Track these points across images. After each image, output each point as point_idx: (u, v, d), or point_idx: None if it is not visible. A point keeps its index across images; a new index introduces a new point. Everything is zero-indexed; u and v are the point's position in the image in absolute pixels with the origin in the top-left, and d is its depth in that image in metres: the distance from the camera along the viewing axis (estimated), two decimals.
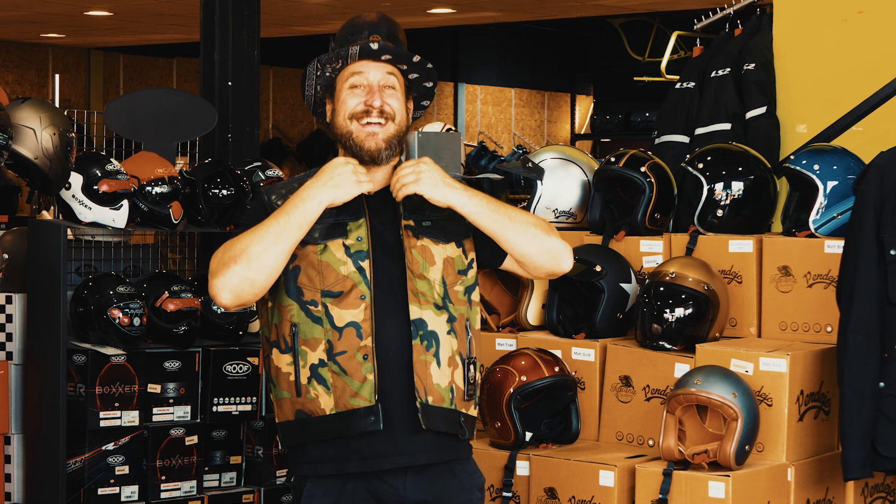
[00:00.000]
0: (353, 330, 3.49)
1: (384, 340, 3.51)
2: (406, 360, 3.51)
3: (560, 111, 16.78)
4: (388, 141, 3.58)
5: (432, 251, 3.57)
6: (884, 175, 4.38)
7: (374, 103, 3.56)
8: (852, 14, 5.69)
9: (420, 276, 3.54)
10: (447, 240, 3.59)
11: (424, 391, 3.50)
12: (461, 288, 3.60)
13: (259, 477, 5.83)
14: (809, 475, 4.57)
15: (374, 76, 3.58)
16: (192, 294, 5.54)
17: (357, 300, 3.50)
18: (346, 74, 3.60)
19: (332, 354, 3.49)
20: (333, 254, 3.52)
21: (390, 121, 3.58)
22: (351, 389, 3.49)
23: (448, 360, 3.54)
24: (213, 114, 6.18)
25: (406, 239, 3.56)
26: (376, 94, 3.57)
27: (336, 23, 12.60)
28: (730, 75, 5.98)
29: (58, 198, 5.45)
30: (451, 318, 3.56)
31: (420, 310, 3.52)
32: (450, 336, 3.55)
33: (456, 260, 3.60)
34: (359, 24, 3.64)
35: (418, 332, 3.51)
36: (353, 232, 3.55)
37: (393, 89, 3.59)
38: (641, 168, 5.19)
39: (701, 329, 4.79)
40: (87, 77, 14.86)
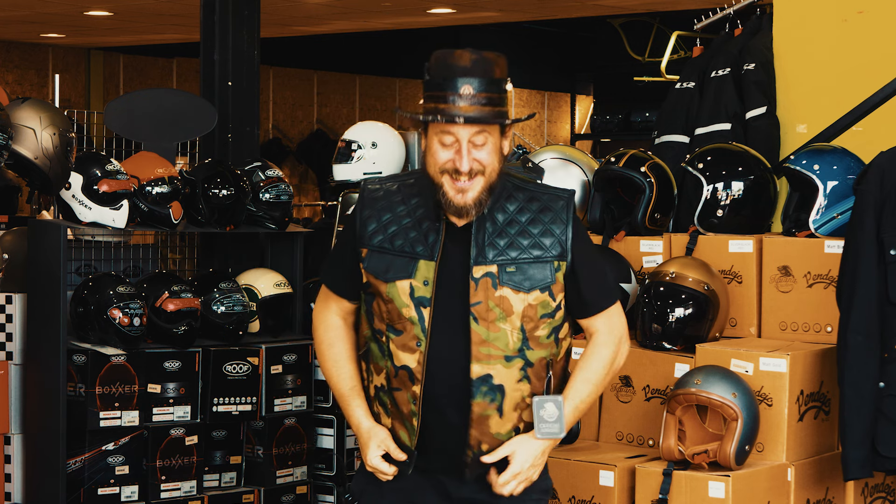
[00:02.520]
0: (406, 374, 3.52)
1: (437, 389, 3.51)
2: (459, 412, 3.51)
3: (560, 111, 16.77)
4: (476, 198, 3.47)
5: (511, 301, 3.50)
6: (884, 175, 4.38)
7: (462, 168, 3.44)
8: (852, 14, 5.68)
9: (495, 327, 3.48)
10: (530, 288, 3.51)
11: (479, 443, 3.52)
12: (545, 331, 3.54)
13: (259, 477, 5.83)
14: (809, 475, 4.57)
15: (464, 134, 3.44)
16: (192, 294, 5.54)
17: (413, 345, 3.51)
18: (437, 128, 3.46)
19: (390, 387, 3.56)
20: (399, 294, 3.52)
21: (479, 175, 3.47)
22: (402, 425, 3.56)
23: (514, 406, 3.52)
24: (213, 114, 6.17)
25: (483, 291, 3.49)
26: (465, 156, 3.44)
27: (336, 23, 12.60)
28: (730, 75, 5.97)
29: (58, 198, 5.45)
30: (527, 364, 3.52)
31: (487, 365, 3.48)
32: (521, 384, 3.51)
33: (539, 306, 3.52)
34: (451, 69, 3.44)
35: (481, 388, 3.49)
36: (422, 273, 3.51)
37: (484, 143, 3.46)
38: (641, 168, 5.19)
39: (701, 329, 4.79)
40: (87, 77, 14.85)
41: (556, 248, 3.53)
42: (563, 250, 3.54)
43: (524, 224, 3.54)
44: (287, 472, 5.87)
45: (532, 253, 3.52)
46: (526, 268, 3.51)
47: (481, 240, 3.51)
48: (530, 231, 3.53)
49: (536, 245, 3.52)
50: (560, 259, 3.53)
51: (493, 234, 3.52)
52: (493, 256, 3.50)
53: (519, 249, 3.51)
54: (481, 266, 3.49)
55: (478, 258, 3.49)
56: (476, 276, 3.49)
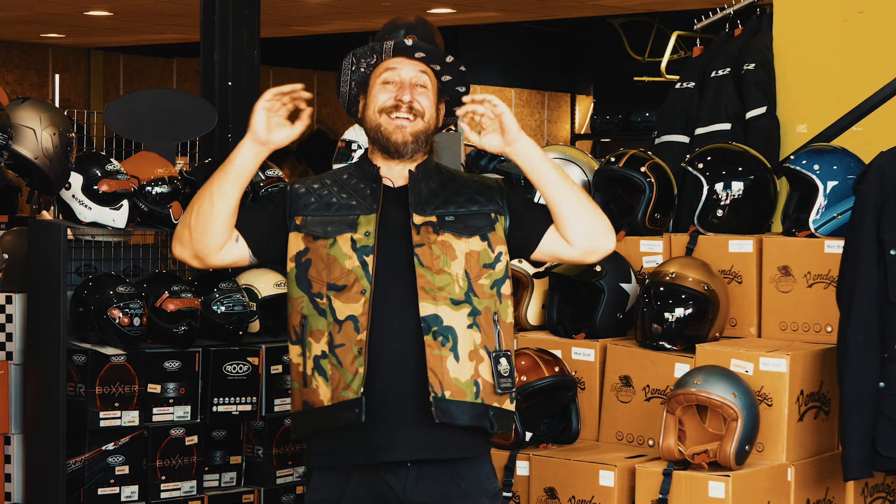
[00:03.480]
0: (352, 323, 3.53)
1: (385, 335, 3.54)
2: (414, 355, 3.53)
3: (560, 111, 16.78)
4: (415, 135, 3.64)
5: (454, 246, 3.58)
6: (884, 175, 4.38)
7: (403, 98, 3.62)
8: (852, 14, 5.69)
9: (439, 271, 3.55)
10: (470, 234, 3.60)
11: (440, 385, 3.51)
12: (487, 281, 3.59)
13: (259, 477, 5.83)
14: (809, 475, 4.57)
15: (407, 73, 3.64)
16: (192, 294, 5.54)
17: (358, 294, 3.54)
18: (379, 70, 3.66)
19: (332, 347, 3.54)
20: (340, 248, 3.58)
21: (419, 117, 3.64)
22: (344, 382, 3.53)
23: (469, 353, 3.54)
24: (213, 114, 6.18)
25: (426, 235, 3.58)
26: (407, 90, 3.63)
27: (336, 23, 12.61)
28: (730, 75, 5.98)
29: (58, 198, 5.45)
30: (475, 311, 3.56)
31: (434, 306, 3.53)
32: (471, 330, 3.55)
33: (481, 254, 3.60)
34: (396, 24, 3.71)
35: (431, 328, 3.52)
36: (363, 226, 3.60)
37: (424, 88, 3.65)
38: (641, 168, 5.20)
39: (701, 329, 4.79)
40: (87, 77, 14.86)
41: (493, 204, 3.66)
42: (500, 206, 3.65)
43: (457, 187, 3.67)
44: (287, 472, 5.87)
45: (469, 208, 3.64)
46: (464, 217, 3.62)
47: (418, 195, 3.62)
48: (465, 191, 3.67)
49: (472, 201, 3.65)
50: (497, 213, 3.64)
51: (429, 193, 3.64)
52: (432, 210, 3.62)
53: (455, 204, 3.64)
54: (421, 216, 3.60)
55: (417, 208, 3.60)
56: (416, 222, 3.59)
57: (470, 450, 3.61)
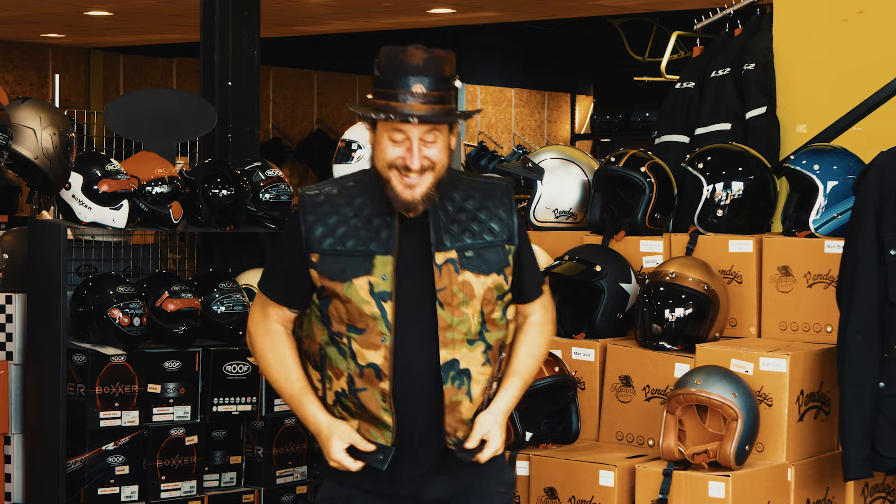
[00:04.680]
0: (373, 371, 3.49)
1: (407, 380, 3.50)
2: (431, 400, 3.51)
3: (560, 111, 16.77)
4: (424, 194, 3.49)
5: (473, 285, 3.52)
6: (884, 175, 4.38)
7: (413, 166, 3.46)
8: (852, 14, 5.68)
9: (458, 311, 3.50)
10: (488, 271, 3.55)
11: (455, 431, 3.53)
12: (500, 313, 3.57)
13: (259, 477, 5.83)
14: (809, 475, 4.57)
15: (415, 133, 3.46)
16: (192, 294, 5.54)
17: (378, 340, 3.49)
18: (388, 126, 3.48)
19: (354, 389, 3.52)
20: (357, 292, 3.49)
21: (429, 171, 3.49)
22: (368, 424, 3.53)
23: (482, 391, 3.55)
24: (213, 114, 6.18)
25: (447, 275, 3.51)
26: (416, 154, 3.46)
27: (336, 23, 12.60)
28: (730, 75, 5.97)
29: (58, 198, 5.45)
30: (487, 346, 3.55)
31: (452, 350, 3.50)
32: (485, 367, 3.54)
33: (496, 288, 3.56)
34: (403, 67, 3.45)
35: (449, 373, 3.50)
36: (379, 268, 3.50)
37: (433, 141, 3.48)
38: (641, 168, 5.19)
39: (701, 329, 4.79)
40: (87, 77, 14.85)
41: (505, 232, 3.60)
42: (512, 234, 3.61)
43: (473, 211, 3.59)
44: (287, 472, 5.87)
45: (485, 238, 3.58)
46: (482, 252, 3.57)
47: (437, 227, 3.54)
48: (479, 217, 3.59)
49: (487, 230, 3.58)
50: (509, 243, 3.60)
51: (447, 222, 3.56)
52: (451, 243, 3.54)
53: (473, 235, 3.57)
54: (442, 252, 3.52)
55: (438, 245, 3.52)
56: (439, 262, 3.51)
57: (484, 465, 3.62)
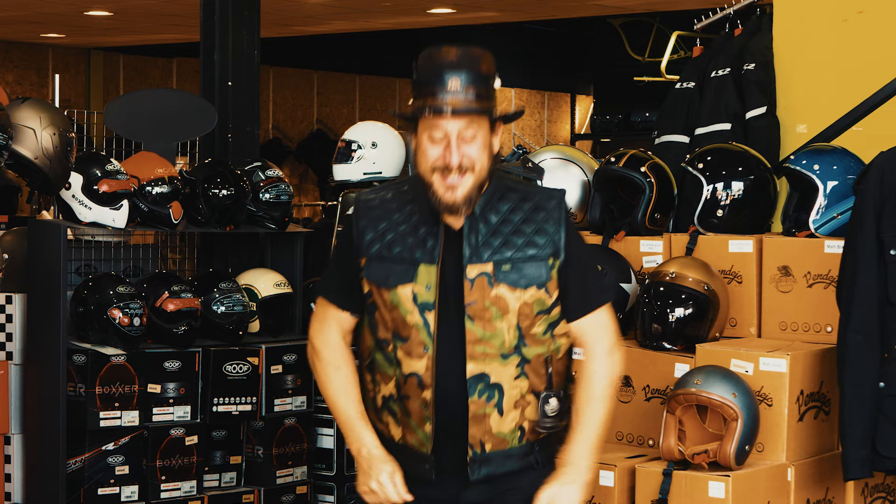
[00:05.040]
0: (416, 380, 3.50)
1: (443, 393, 3.50)
2: (462, 413, 3.50)
3: (560, 111, 16.77)
4: (466, 196, 3.46)
5: (507, 300, 3.49)
6: (884, 175, 4.38)
7: (451, 162, 3.44)
8: (852, 14, 5.68)
9: (490, 326, 3.48)
10: (526, 285, 3.50)
11: (481, 443, 3.51)
12: (541, 328, 3.53)
13: (259, 477, 5.83)
14: (809, 475, 4.57)
15: (453, 128, 3.44)
16: (192, 294, 5.54)
17: (421, 350, 3.49)
18: (426, 124, 3.47)
19: (400, 395, 3.53)
20: (402, 301, 3.50)
21: (469, 172, 3.46)
22: (412, 431, 3.54)
23: (514, 403, 3.51)
24: (213, 114, 6.17)
25: (479, 290, 3.48)
26: (454, 150, 3.44)
27: (336, 23, 12.59)
28: (730, 75, 5.97)
29: (58, 198, 5.45)
30: (524, 360, 3.51)
31: (483, 364, 3.48)
32: (518, 381, 3.51)
33: (535, 303, 3.51)
34: (438, 65, 3.45)
35: (477, 386, 3.48)
36: (422, 278, 3.49)
37: (473, 137, 3.45)
38: (641, 168, 5.19)
39: (701, 329, 4.79)
40: (87, 77, 14.85)
41: (550, 246, 3.53)
42: (557, 248, 3.53)
43: (517, 224, 3.53)
44: (287, 472, 5.87)
45: (527, 252, 3.51)
46: (521, 266, 3.51)
47: (474, 240, 3.50)
48: (524, 230, 3.53)
49: (531, 244, 3.52)
50: (554, 257, 3.53)
51: (488, 234, 3.51)
52: (488, 256, 3.50)
53: (514, 248, 3.51)
54: (476, 265, 3.49)
55: (472, 258, 3.49)
56: (471, 276, 3.48)
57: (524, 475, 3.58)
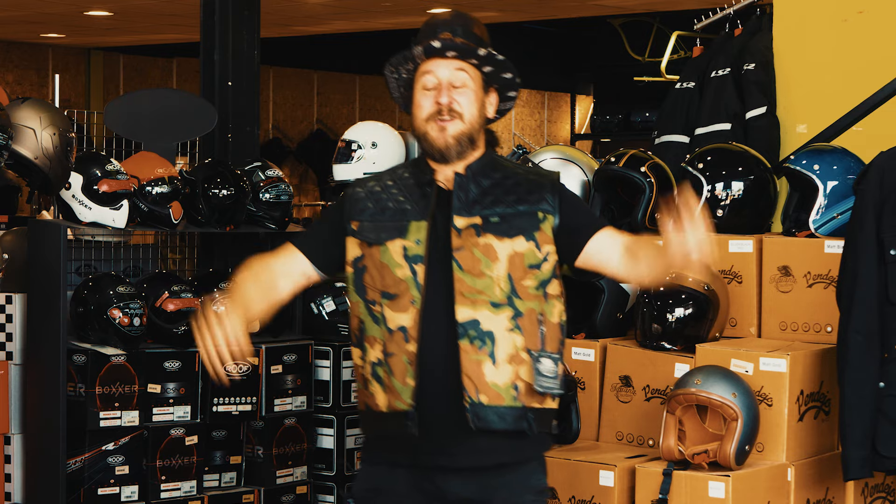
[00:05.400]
0: (402, 334, 3.53)
1: (431, 345, 3.52)
2: (454, 361, 3.50)
3: (560, 111, 16.77)
4: (457, 137, 3.57)
5: (496, 248, 3.53)
6: (884, 175, 4.38)
7: (441, 100, 3.56)
8: (852, 14, 5.68)
9: (480, 274, 3.51)
10: (514, 234, 3.55)
11: (476, 391, 3.49)
12: (533, 282, 3.54)
13: (259, 477, 5.83)
14: (809, 475, 4.57)
15: (444, 74, 3.57)
16: (192, 294, 5.54)
17: (408, 304, 3.53)
18: (419, 74, 3.60)
19: (386, 355, 3.55)
20: (392, 256, 3.56)
21: (458, 118, 3.57)
22: (397, 392, 3.54)
23: (509, 357, 3.51)
24: (213, 114, 6.18)
25: (467, 238, 3.53)
26: (444, 91, 3.56)
27: (336, 23, 12.60)
28: (730, 75, 5.97)
29: (58, 198, 5.45)
30: (517, 313, 3.52)
31: (473, 310, 3.50)
32: (512, 333, 3.51)
33: (526, 255, 3.54)
34: (432, 24, 3.62)
35: (468, 332, 3.50)
36: (413, 233, 3.56)
37: (464, 86, 3.58)
38: (641, 168, 5.19)
39: (701, 329, 4.79)
40: (87, 77, 14.85)
41: (543, 203, 3.59)
42: (551, 207, 3.59)
43: (510, 186, 3.60)
44: (287, 472, 5.87)
45: (517, 208, 3.57)
46: (511, 218, 3.56)
47: (464, 197, 3.57)
48: (517, 190, 3.59)
49: (522, 200, 3.58)
50: (546, 212, 3.58)
51: (480, 194, 3.58)
52: (478, 210, 3.56)
53: (504, 205, 3.57)
54: (465, 218, 3.55)
55: (461, 211, 3.55)
56: (459, 225, 3.54)
57: (512, 454, 3.58)
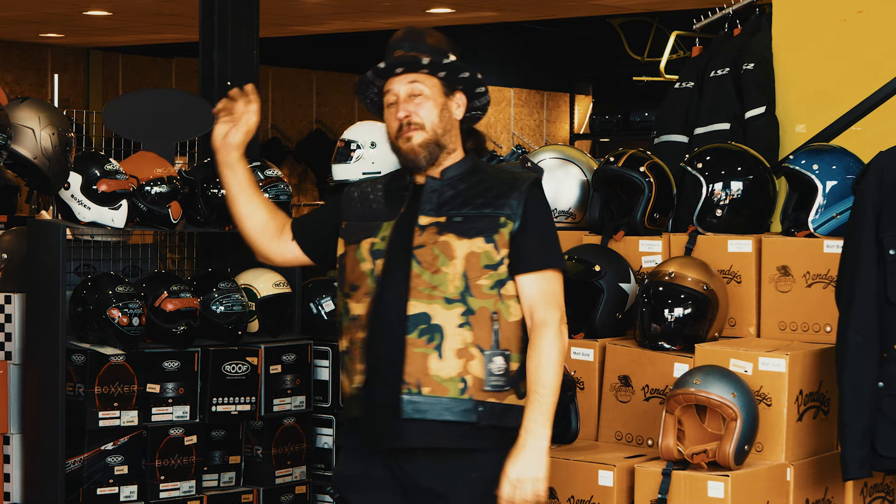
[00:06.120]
0: (356, 322, 3.69)
1: (381, 335, 3.66)
2: (400, 352, 3.63)
3: (559, 111, 16.77)
4: (422, 145, 3.70)
5: (453, 246, 3.64)
6: (883, 175, 4.38)
7: (399, 115, 3.71)
8: (852, 14, 5.69)
9: (436, 270, 3.62)
10: (473, 235, 3.65)
11: (417, 382, 3.61)
12: (488, 282, 3.65)
13: (258, 477, 5.83)
14: (808, 475, 4.57)
15: (400, 90, 3.73)
16: (191, 294, 5.54)
17: (363, 295, 3.69)
18: (384, 95, 3.77)
19: (350, 344, 3.73)
20: (361, 252, 3.72)
21: (419, 129, 3.70)
22: (352, 376, 3.72)
23: (457, 352, 3.61)
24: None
25: (429, 236, 3.65)
26: (401, 106, 3.71)
27: (335, 23, 12.60)
28: (729, 75, 5.97)
29: (57, 198, 5.45)
30: (469, 310, 3.62)
31: (426, 304, 3.62)
32: (462, 329, 3.62)
33: (483, 255, 3.65)
34: (389, 45, 3.75)
35: (418, 325, 3.61)
36: (382, 231, 3.72)
37: (421, 96, 3.70)
38: (640, 168, 5.20)
39: (700, 329, 4.79)
40: (86, 77, 14.85)
41: (507, 209, 3.68)
42: (513, 213, 3.68)
43: (482, 190, 3.71)
44: (286, 471, 5.87)
45: (483, 210, 3.68)
46: (473, 219, 3.67)
47: (437, 199, 3.70)
48: (487, 194, 3.70)
49: (489, 204, 3.68)
50: (508, 219, 3.67)
51: (453, 196, 3.70)
52: (445, 211, 3.68)
53: (471, 206, 3.68)
54: (430, 217, 3.68)
55: (429, 211, 3.69)
56: (422, 223, 3.67)
57: (468, 441, 3.65)
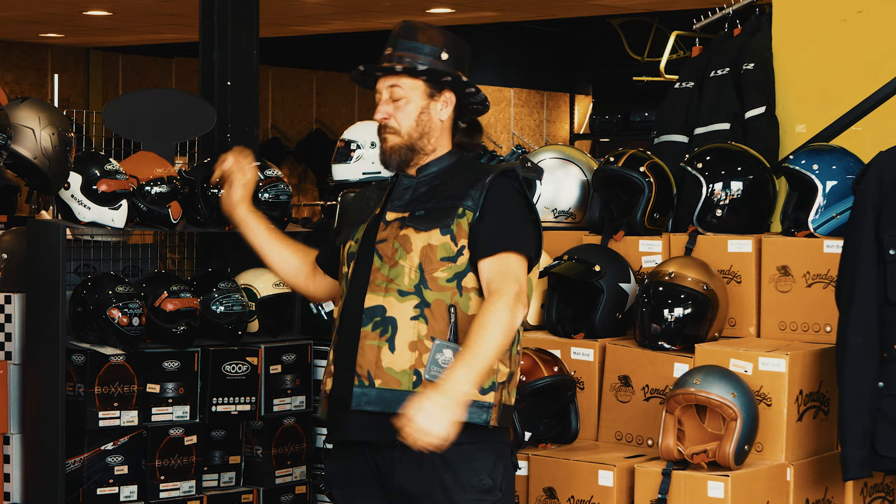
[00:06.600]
0: (333, 324, 3.78)
1: (346, 332, 3.71)
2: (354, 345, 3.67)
3: (559, 111, 16.77)
4: (392, 150, 3.74)
5: (411, 239, 3.66)
6: (883, 175, 4.38)
7: (376, 117, 3.76)
8: (852, 14, 5.69)
9: (394, 263, 3.65)
10: (429, 227, 3.65)
11: (368, 375, 3.62)
12: (445, 274, 3.64)
13: (258, 477, 5.82)
14: (808, 475, 4.57)
15: (384, 90, 3.76)
16: (191, 294, 5.54)
17: (338, 297, 3.79)
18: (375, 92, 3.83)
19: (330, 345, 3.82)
20: (343, 257, 3.80)
21: (393, 133, 3.72)
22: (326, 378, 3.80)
23: (409, 344, 3.61)
24: (212, 114, 6.17)
25: (391, 230, 3.69)
26: (380, 109, 3.74)
27: (336, 23, 12.60)
28: (729, 75, 5.97)
29: (57, 198, 5.45)
30: (423, 303, 3.62)
31: (381, 297, 3.65)
32: (416, 321, 3.61)
33: (439, 247, 3.65)
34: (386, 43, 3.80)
35: (373, 318, 3.64)
36: (357, 234, 3.78)
37: (401, 99, 3.73)
38: (640, 168, 5.20)
39: (700, 329, 4.79)
40: (86, 77, 14.86)
41: (469, 199, 3.68)
42: (475, 203, 3.67)
43: (453, 185, 3.72)
44: (286, 471, 5.87)
45: (445, 203, 3.69)
46: (433, 212, 3.68)
47: (408, 196, 3.73)
48: (455, 188, 3.71)
49: (453, 196, 3.69)
50: (467, 208, 3.67)
51: (426, 193, 3.72)
52: (413, 206, 3.71)
53: (436, 200, 3.70)
54: (396, 212, 3.72)
55: (396, 207, 3.73)
56: (388, 219, 3.72)
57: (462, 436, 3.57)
